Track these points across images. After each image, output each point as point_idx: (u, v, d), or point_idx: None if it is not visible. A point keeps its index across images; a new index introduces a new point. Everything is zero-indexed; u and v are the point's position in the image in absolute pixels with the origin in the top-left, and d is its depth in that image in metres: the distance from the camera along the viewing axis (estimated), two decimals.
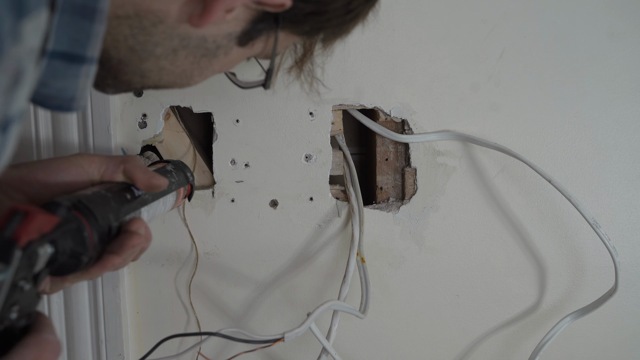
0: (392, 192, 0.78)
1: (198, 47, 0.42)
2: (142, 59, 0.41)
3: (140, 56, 0.41)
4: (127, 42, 0.39)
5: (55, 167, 0.48)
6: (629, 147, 0.75)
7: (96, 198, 0.45)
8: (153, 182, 0.50)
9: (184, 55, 0.42)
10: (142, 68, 0.42)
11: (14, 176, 0.47)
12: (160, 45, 0.40)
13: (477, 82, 0.73)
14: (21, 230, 0.35)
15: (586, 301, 0.75)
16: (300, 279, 0.76)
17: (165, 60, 0.42)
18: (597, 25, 0.72)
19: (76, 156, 0.49)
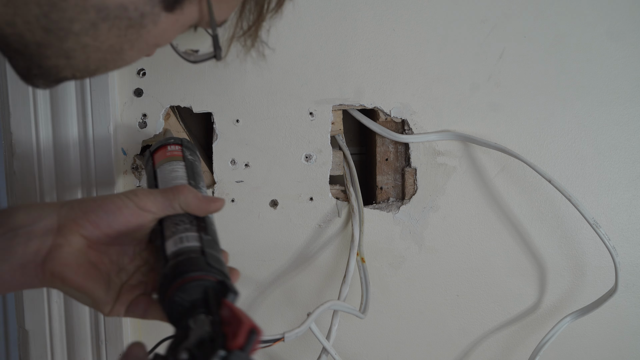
0: (392, 192, 0.78)
1: (119, 17, 0.39)
2: (61, 38, 0.38)
3: (58, 35, 0.38)
4: (40, 22, 0.37)
5: (107, 209, 0.48)
6: (629, 147, 0.75)
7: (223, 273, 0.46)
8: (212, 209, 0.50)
9: (107, 28, 0.39)
10: (64, 48, 0.39)
11: (69, 219, 0.48)
12: (77, 20, 0.38)
13: (477, 82, 0.73)
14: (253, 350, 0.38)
15: (586, 301, 0.75)
16: (301, 279, 0.76)
17: (87, 36, 0.39)
18: (597, 25, 0.72)
19: (127, 196, 0.49)
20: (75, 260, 0.47)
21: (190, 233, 0.48)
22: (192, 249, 0.47)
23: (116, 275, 0.50)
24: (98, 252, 0.49)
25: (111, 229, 0.48)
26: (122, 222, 0.48)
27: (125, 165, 0.72)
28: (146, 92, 0.71)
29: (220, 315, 0.41)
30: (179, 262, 0.45)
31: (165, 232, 0.49)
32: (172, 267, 0.45)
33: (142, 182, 0.72)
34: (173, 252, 0.46)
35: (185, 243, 0.47)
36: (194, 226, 0.49)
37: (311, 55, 0.71)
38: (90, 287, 0.47)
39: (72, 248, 0.47)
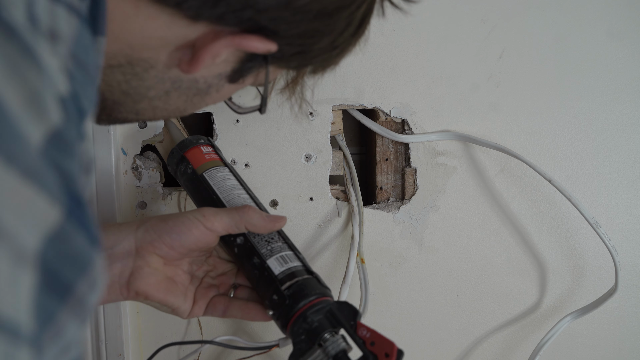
0: (392, 192, 0.78)
1: (190, 87, 0.44)
2: (135, 101, 0.43)
3: (134, 99, 0.42)
4: (121, 87, 0.41)
5: (179, 231, 0.54)
6: (629, 147, 0.75)
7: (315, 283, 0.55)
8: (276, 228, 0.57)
9: (177, 96, 0.44)
10: (136, 108, 0.44)
11: (146, 241, 0.54)
12: (153, 88, 0.42)
13: (477, 82, 0.73)
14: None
15: (586, 301, 0.75)
16: None
17: (159, 101, 0.44)
18: (597, 25, 0.72)
19: (196, 217, 0.54)
20: (155, 279, 0.54)
21: (288, 252, 0.55)
22: (299, 270, 0.54)
23: (190, 283, 0.57)
24: (173, 266, 0.56)
25: (183, 248, 0.54)
26: (192, 241, 0.54)
27: (125, 165, 0.72)
28: None
29: (358, 335, 0.49)
30: (299, 284, 0.52)
31: (261, 250, 0.55)
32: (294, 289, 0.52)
33: (142, 182, 0.72)
34: (283, 273, 0.53)
35: (290, 263, 0.54)
36: (284, 243, 0.56)
37: None
38: (170, 300, 0.55)
39: (152, 268, 0.54)
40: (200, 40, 0.39)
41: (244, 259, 0.55)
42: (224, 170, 0.62)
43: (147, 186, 0.72)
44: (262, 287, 0.54)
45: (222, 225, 0.55)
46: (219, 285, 0.59)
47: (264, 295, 0.54)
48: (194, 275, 0.58)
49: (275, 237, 0.56)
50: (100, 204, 0.69)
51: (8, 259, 0.22)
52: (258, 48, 0.40)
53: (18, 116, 0.24)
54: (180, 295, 0.56)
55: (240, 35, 0.39)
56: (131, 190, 0.72)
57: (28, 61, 0.25)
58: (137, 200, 0.73)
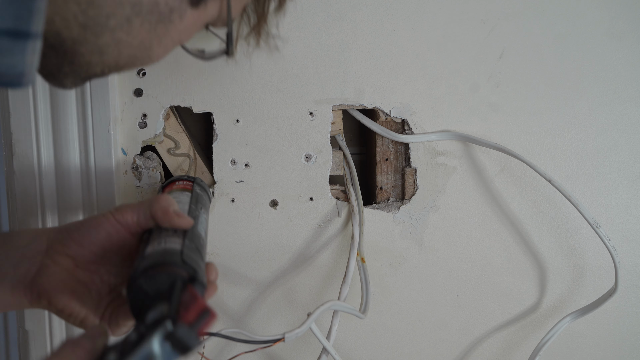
0: (392, 192, 0.78)
1: (151, 12, 0.41)
2: (96, 34, 0.39)
3: (95, 31, 0.39)
4: (78, 19, 0.38)
5: (88, 226, 0.50)
6: (629, 147, 0.75)
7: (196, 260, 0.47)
8: (174, 222, 0.50)
9: (139, 23, 0.41)
10: (99, 44, 0.40)
11: (56, 240, 0.50)
12: (113, 16, 0.39)
13: (477, 82, 0.73)
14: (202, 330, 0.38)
15: (586, 301, 0.75)
16: (301, 279, 0.76)
17: (121, 31, 0.40)
18: (597, 25, 0.72)
19: (109, 211, 0.51)
20: (61, 280, 0.49)
21: (174, 238, 0.48)
22: (171, 250, 0.46)
23: (107, 294, 0.52)
24: (88, 271, 0.51)
25: (94, 246, 0.50)
26: (103, 236, 0.50)
27: (125, 165, 0.72)
28: (146, 92, 0.71)
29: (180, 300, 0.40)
30: (154, 256, 0.45)
31: (151, 242, 0.49)
32: (147, 261, 0.45)
33: (142, 182, 0.72)
34: (150, 252, 0.46)
35: (164, 245, 0.47)
36: (179, 234, 0.49)
37: (311, 55, 0.71)
38: (76, 307, 0.49)
39: (59, 268, 0.49)
40: None
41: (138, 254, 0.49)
42: (182, 194, 0.59)
43: (147, 186, 0.72)
44: None
45: (132, 217, 0.50)
46: None
47: None
48: (113, 289, 0.52)
49: (171, 232, 0.49)
50: (100, 204, 0.69)
51: None
52: None
53: None
54: (90, 304, 0.50)
55: None
56: (131, 190, 0.72)
57: None
58: (137, 200, 0.73)
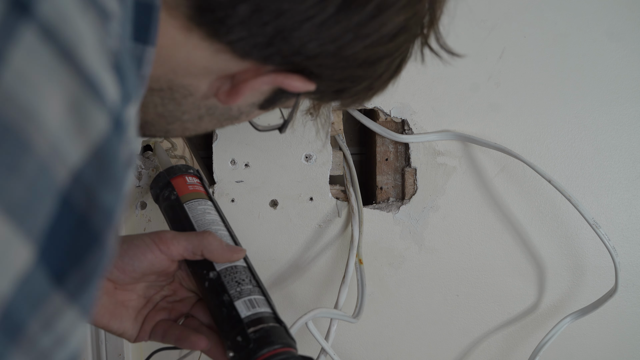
0: (392, 192, 0.78)
1: (223, 114, 0.43)
2: (168, 122, 0.43)
3: (168, 120, 0.42)
4: (157, 109, 0.41)
5: (132, 255, 0.51)
6: (629, 147, 0.75)
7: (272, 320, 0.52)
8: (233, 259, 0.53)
9: (209, 120, 0.44)
10: (167, 128, 0.44)
11: None
12: (188, 113, 0.42)
13: (477, 82, 0.73)
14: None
15: (586, 301, 0.75)
16: (300, 279, 0.76)
17: (191, 124, 0.43)
18: (597, 25, 0.72)
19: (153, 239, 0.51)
20: (102, 302, 0.51)
21: (258, 296, 0.53)
22: (268, 317, 0.51)
23: (144, 307, 0.54)
24: (126, 290, 0.53)
25: (136, 273, 0.51)
26: (146, 265, 0.51)
27: None
28: None
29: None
30: (266, 331, 0.50)
31: (229, 290, 0.52)
32: (260, 334, 0.49)
33: (143, 182, 0.72)
34: (249, 317, 0.50)
35: (258, 308, 0.52)
36: (255, 286, 0.54)
37: None
38: (115, 326, 0.52)
39: (100, 292, 0.50)
40: (242, 74, 0.39)
41: (213, 295, 0.53)
42: (206, 204, 0.61)
43: (147, 186, 0.72)
44: (226, 327, 0.51)
45: (178, 250, 0.51)
46: (170, 310, 0.55)
47: (227, 336, 0.51)
48: (150, 300, 0.55)
49: (246, 279, 0.54)
50: None
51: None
52: (298, 88, 0.39)
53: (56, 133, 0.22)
54: (128, 320, 0.52)
55: (283, 75, 0.38)
56: (131, 191, 0.72)
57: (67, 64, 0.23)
58: (137, 200, 0.73)
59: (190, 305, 0.55)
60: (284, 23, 0.35)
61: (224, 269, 0.53)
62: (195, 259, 0.53)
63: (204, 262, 0.54)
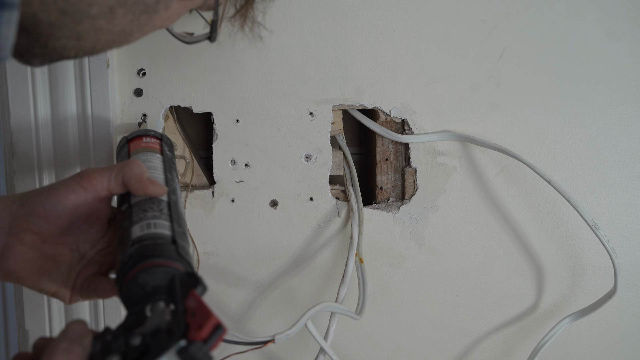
0: (392, 192, 0.78)
1: (136, 3, 0.39)
2: (76, 20, 0.38)
3: (74, 18, 0.37)
4: (58, 4, 0.36)
5: (53, 199, 0.46)
6: (629, 147, 0.75)
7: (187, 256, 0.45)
8: (149, 191, 0.48)
9: (122, 14, 0.39)
10: (77, 30, 0.39)
11: (19, 216, 0.47)
12: (95, 4, 0.37)
13: (477, 82, 0.73)
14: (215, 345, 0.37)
15: (585, 302, 0.75)
16: (300, 279, 0.76)
17: (103, 20, 0.39)
18: (597, 25, 0.72)
19: (73, 178, 0.47)
20: (28, 259, 0.47)
21: (161, 221, 0.47)
22: (162, 236, 0.45)
23: (77, 263, 0.49)
24: (55, 244, 0.48)
25: (61, 219, 0.47)
26: (70, 208, 0.47)
27: None
28: (146, 92, 0.71)
29: (185, 305, 0.40)
30: (149, 245, 0.44)
31: (133, 217, 0.47)
32: (140, 249, 0.44)
33: None
34: (140, 236, 0.45)
35: (154, 229, 0.46)
36: (165, 215, 0.48)
37: (311, 55, 0.71)
38: (45, 284, 0.47)
39: (25, 246, 0.47)
40: None
41: (118, 226, 0.48)
42: (153, 156, 0.57)
43: None
44: (117, 251, 0.46)
45: (102, 183, 0.47)
46: (101, 264, 0.50)
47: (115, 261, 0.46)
48: (84, 255, 0.50)
49: (156, 208, 0.48)
50: None
51: None
52: None
53: None
54: (60, 277, 0.48)
55: None
56: None
57: None
58: None
59: None
60: None
61: (139, 200, 0.48)
62: (119, 192, 0.48)
63: (126, 195, 0.49)
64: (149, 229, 0.46)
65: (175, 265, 0.43)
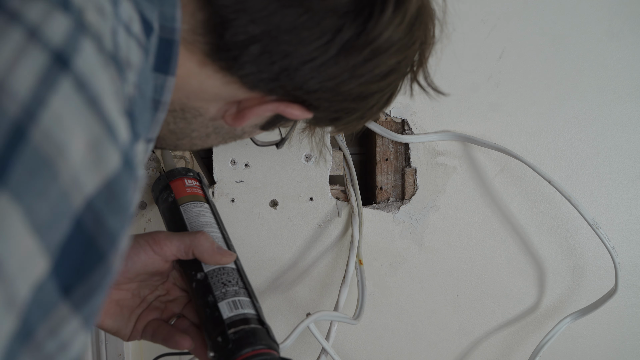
0: (392, 192, 0.78)
1: (228, 133, 0.48)
2: (178, 138, 0.47)
3: (178, 136, 0.47)
4: (169, 126, 0.45)
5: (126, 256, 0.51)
6: (629, 147, 0.75)
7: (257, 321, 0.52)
8: (222, 262, 0.55)
9: (215, 138, 0.48)
10: (176, 143, 0.48)
11: None
12: (197, 130, 0.46)
13: (477, 82, 0.73)
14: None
15: (586, 302, 0.75)
16: (301, 279, 0.76)
17: (199, 140, 0.48)
18: (597, 25, 0.72)
19: (147, 240, 0.52)
20: None
21: (243, 298, 0.53)
22: (252, 318, 0.51)
23: (138, 306, 0.55)
24: (120, 290, 0.54)
25: (130, 273, 0.52)
26: (140, 266, 0.52)
27: None
28: None
29: None
30: (247, 332, 0.50)
31: (215, 292, 0.52)
32: (240, 335, 0.49)
33: None
34: (232, 317, 0.51)
35: (242, 310, 0.52)
36: (242, 288, 0.54)
37: None
38: (109, 324, 0.53)
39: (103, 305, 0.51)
40: (248, 101, 0.43)
41: (199, 296, 0.54)
42: (202, 206, 0.61)
43: (147, 187, 0.72)
44: (209, 327, 0.52)
45: (171, 250, 0.53)
46: (163, 310, 0.56)
47: (209, 336, 0.51)
48: (144, 299, 0.56)
49: (233, 280, 0.54)
50: None
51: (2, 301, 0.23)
52: (297, 116, 0.44)
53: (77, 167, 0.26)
54: (122, 319, 0.54)
55: (285, 104, 0.43)
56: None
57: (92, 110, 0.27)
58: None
59: (182, 305, 0.56)
60: (289, 63, 0.40)
61: (213, 270, 0.54)
62: (187, 259, 0.54)
63: (194, 262, 0.54)
64: (237, 309, 0.52)
65: (272, 352, 0.50)
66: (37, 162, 0.24)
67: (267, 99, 0.43)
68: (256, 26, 0.38)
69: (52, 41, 0.26)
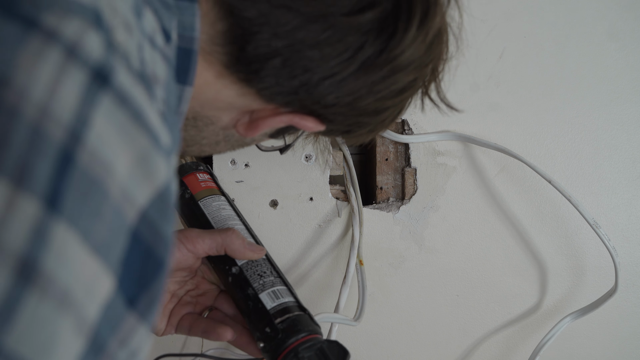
0: (392, 192, 0.78)
1: (237, 141, 0.49)
2: (188, 144, 0.47)
3: (187, 143, 0.47)
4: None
5: None
6: (629, 147, 0.75)
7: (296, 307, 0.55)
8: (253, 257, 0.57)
9: (224, 145, 0.49)
10: (185, 150, 0.49)
11: None
12: (207, 138, 0.47)
13: (477, 82, 0.73)
14: None
15: (586, 301, 0.75)
16: (301, 279, 0.76)
17: (208, 147, 0.48)
18: (597, 25, 0.72)
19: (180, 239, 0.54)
20: None
21: (281, 287, 0.56)
22: (294, 306, 0.54)
23: (169, 302, 0.57)
24: None
25: None
26: (173, 263, 0.54)
27: None
28: None
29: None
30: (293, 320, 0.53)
31: (253, 284, 0.55)
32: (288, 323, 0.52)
33: None
34: (275, 307, 0.53)
35: (282, 299, 0.55)
36: (277, 278, 0.57)
37: None
38: None
39: None
40: (262, 111, 0.43)
41: (238, 289, 0.56)
42: (220, 200, 0.62)
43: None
44: (254, 319, 0.54)
45: (204, 248, 0.54)
46: (195, 304, 0.58)
47: (255, 327, 0.54)
48: (174, 294, 0.58)
49: (267, 271, 0.57)
50: None
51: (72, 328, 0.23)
52: (311, 128, 0.44)
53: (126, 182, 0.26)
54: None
55: (299, 116, 0.43)
56: None
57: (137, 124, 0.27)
58: None
59: (213, 297, 0.58)
60: (309, 78, 0.40)
61: (245, 263, 0.56)
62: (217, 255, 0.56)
63: (225, 257, 0.56)
64: (278, 299, 0.54)
65: (318, 336, 0.53)
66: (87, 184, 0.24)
67: (282, 110, 0.43)
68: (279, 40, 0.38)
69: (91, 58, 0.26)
